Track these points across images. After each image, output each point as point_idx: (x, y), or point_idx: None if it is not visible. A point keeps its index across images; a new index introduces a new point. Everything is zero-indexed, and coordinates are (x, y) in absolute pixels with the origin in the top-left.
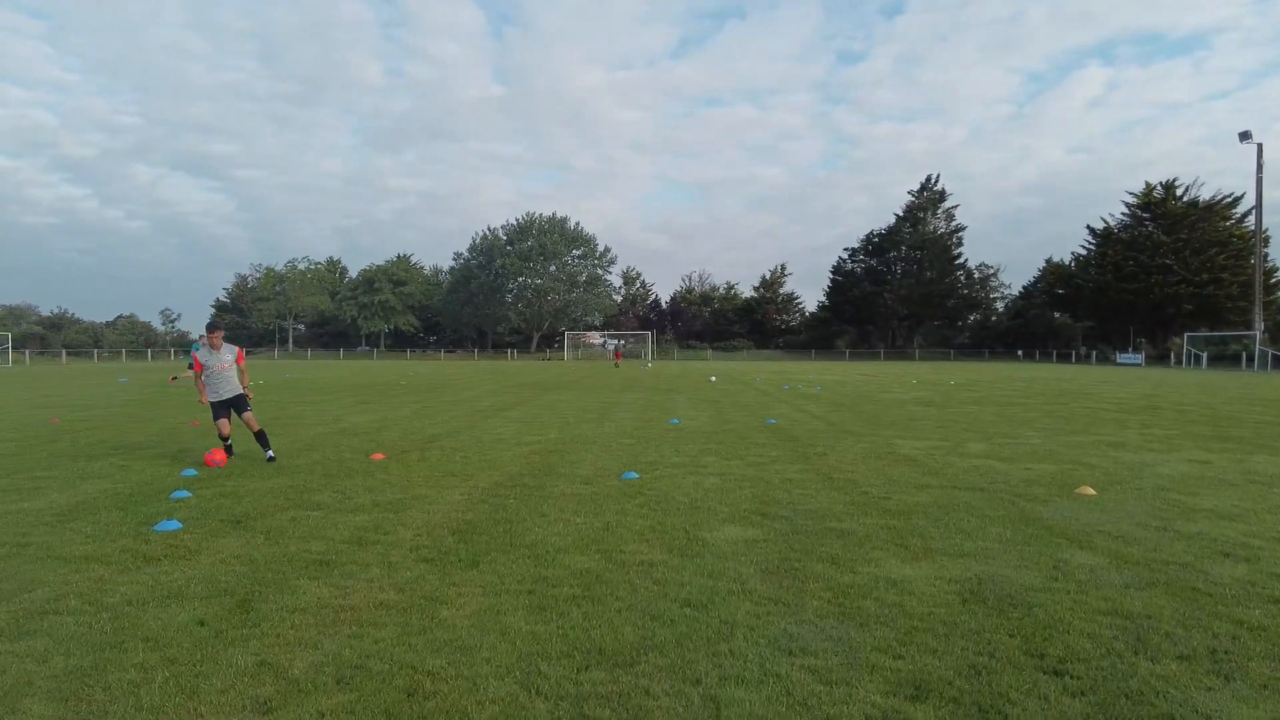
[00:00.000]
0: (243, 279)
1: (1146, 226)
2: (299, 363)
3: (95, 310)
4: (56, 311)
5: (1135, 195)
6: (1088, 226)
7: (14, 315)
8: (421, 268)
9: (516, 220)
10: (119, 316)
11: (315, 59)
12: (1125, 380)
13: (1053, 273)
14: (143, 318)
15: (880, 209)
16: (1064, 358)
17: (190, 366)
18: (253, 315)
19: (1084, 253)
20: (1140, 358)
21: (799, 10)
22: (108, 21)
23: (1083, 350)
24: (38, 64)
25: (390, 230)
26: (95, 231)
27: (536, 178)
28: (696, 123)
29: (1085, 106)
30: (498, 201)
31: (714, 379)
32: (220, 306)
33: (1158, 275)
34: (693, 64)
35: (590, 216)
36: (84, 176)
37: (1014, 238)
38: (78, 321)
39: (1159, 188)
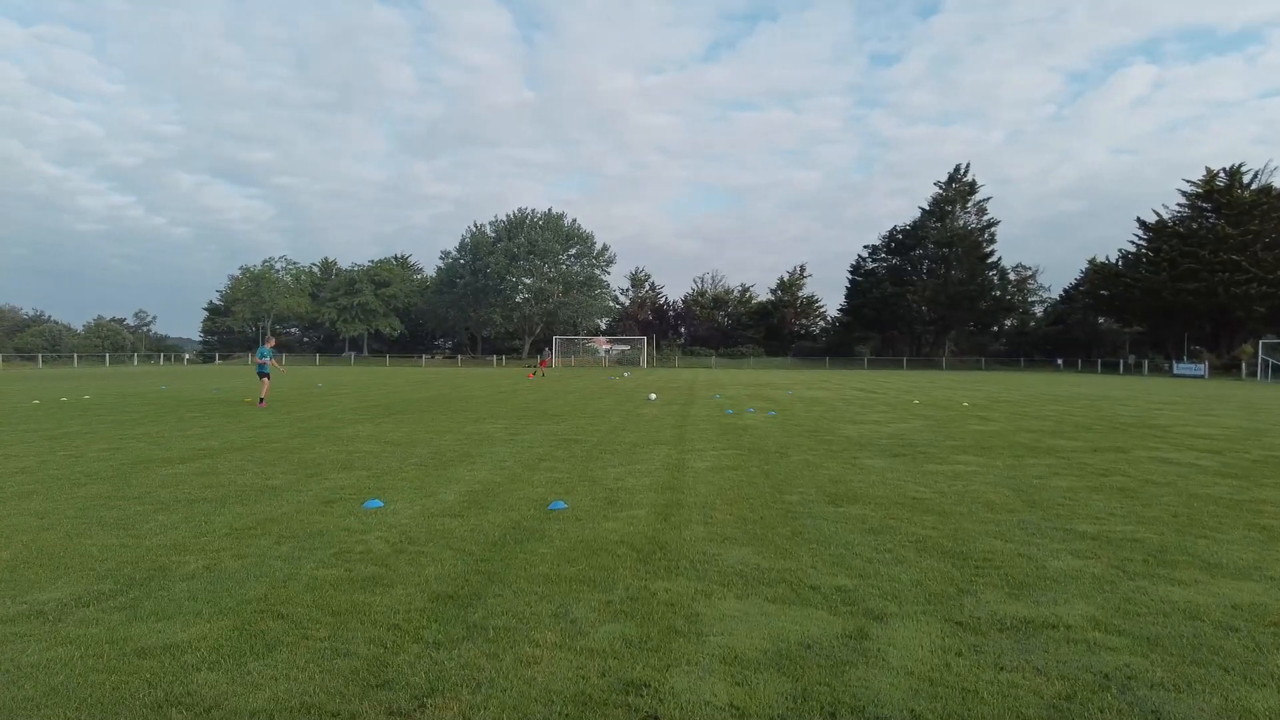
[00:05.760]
0: (236, 281)
1: (1208, 218)
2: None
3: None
4: (33, 314)
5: (1194, 184)
6: (1138, 219)
7: None
8: (420, 269)
9: (507, 216)
10: (98, 318)
11: (348, 65)
12: (1195, 400)
13: (1097, 273)
14: (160, 328)
15: (916, 213)
16: (1110, 367)
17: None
18: (230, 317)
19: (1133, 249)
20: (1202, 368)
21: (831, 12)
22: (148, 32)
23: (1131, 359)
24: (84, 76)
25: (427, 236)
26: (141, 238)
27: (568, 183)
28: (728, 127)
29: (1130, 106)
30: (531, 208)
31: (653, 396)
32: (213, 310)
33: (1222, 273)
34: (724, 67)
35: (621, 221)
36: (130, 185)
37: (1054, 242)
38: (44, 323)
39: (1222, 174)
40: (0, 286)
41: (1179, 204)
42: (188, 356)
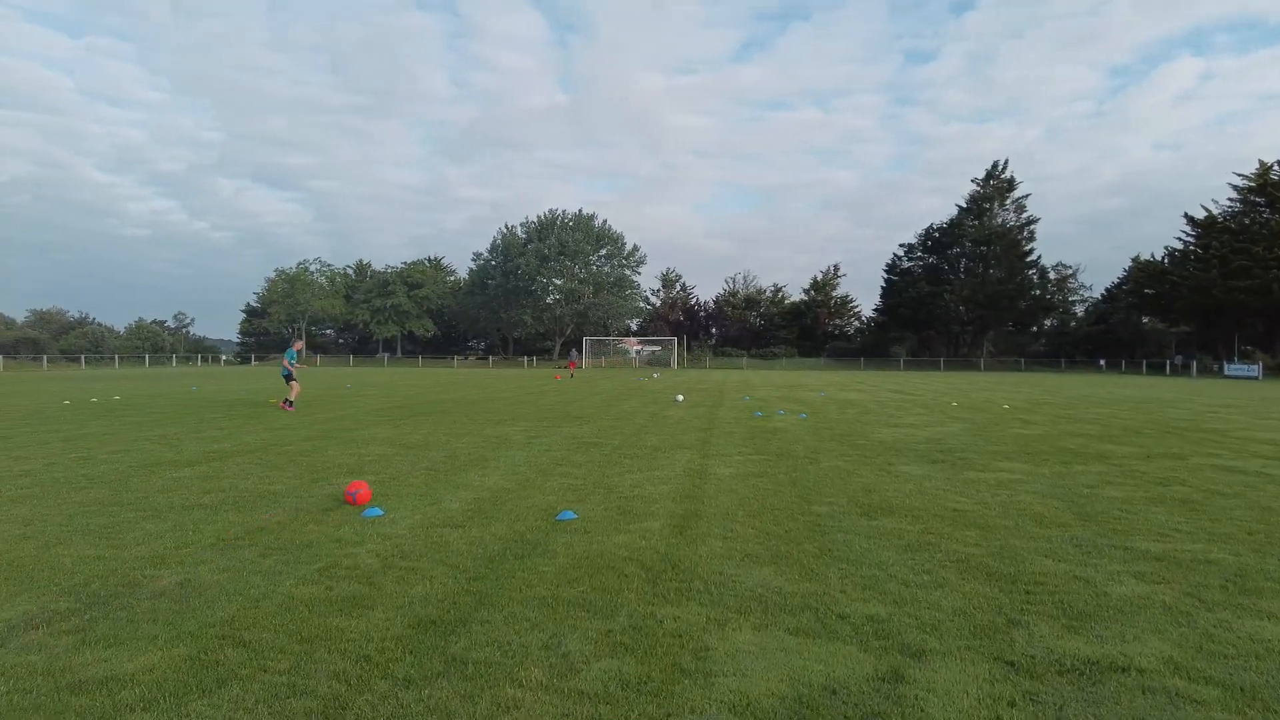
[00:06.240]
0: (272, 283)
1: (1262, 213)
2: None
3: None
4: (78, 316)
5: (1246, 177)
6: (1185, 215)
7: (43, 320)
8: (453, 271)
9: (538, 218)
10: (139, 320)
11: (383, 71)
12: (1252, 402)
13: (1142, 271)
14: (201, 329)
15: (953, 211)
16: (1155, 368)
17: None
18: (266, 319)
19: (1180, 246)
20: (1256, 369)
21: (864, 10)
22: (191, 41)
23: (1178, 360)
24: (129, 85)
25: (461, 239)
26: (183, 243)
27: (600, 185)
28: (760, 127)
29: (1174, 100)
30: (561, 209)
31: (680, 398)
32: (251, 311)
33: (1277, 270)
34: (756, 67)
35: (652, 222)
36: (173, 190)
37: (1094, 240)
38: (88, 325)
39: (1276, 167)
40: (48, 290)
41: (1229, 199)
42: (224, 358)
